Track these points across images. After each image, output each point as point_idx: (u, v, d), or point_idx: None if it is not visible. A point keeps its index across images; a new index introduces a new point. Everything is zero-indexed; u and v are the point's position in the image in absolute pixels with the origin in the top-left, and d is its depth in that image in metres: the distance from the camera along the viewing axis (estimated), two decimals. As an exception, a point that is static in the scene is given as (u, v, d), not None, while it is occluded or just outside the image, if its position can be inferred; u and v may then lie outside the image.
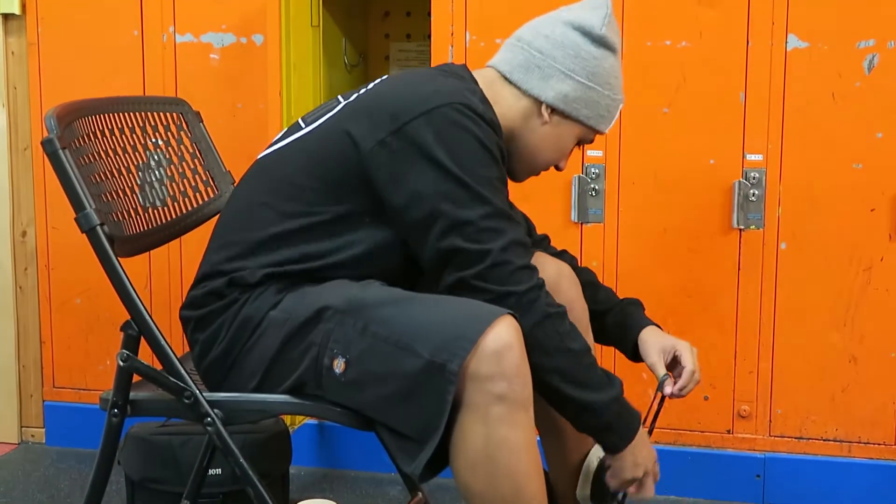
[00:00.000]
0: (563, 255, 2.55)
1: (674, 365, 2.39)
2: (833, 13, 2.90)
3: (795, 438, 3.07)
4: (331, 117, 2.18)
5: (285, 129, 2.29)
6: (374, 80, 2.26)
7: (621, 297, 2.49)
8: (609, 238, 3.05)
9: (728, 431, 3.09)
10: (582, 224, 3.05)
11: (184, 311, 2.21)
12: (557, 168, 2.33)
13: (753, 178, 2.96)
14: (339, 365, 2.03)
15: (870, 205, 2.94)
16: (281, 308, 2.11)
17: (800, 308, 3.01)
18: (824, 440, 3.06)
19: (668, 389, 2.34)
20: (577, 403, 2.11)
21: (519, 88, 2.22)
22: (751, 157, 2.96)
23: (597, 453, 2.36)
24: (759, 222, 2.98)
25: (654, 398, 2.37)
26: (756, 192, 2.96)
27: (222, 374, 2.16)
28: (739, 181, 2.96)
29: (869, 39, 2.89)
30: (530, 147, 2.25)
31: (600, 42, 2.21)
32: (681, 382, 2.35)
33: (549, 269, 2.38)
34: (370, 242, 2.15)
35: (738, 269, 3.02)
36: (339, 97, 2.24)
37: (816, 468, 3.06)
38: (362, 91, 2.21)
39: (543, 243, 2.57)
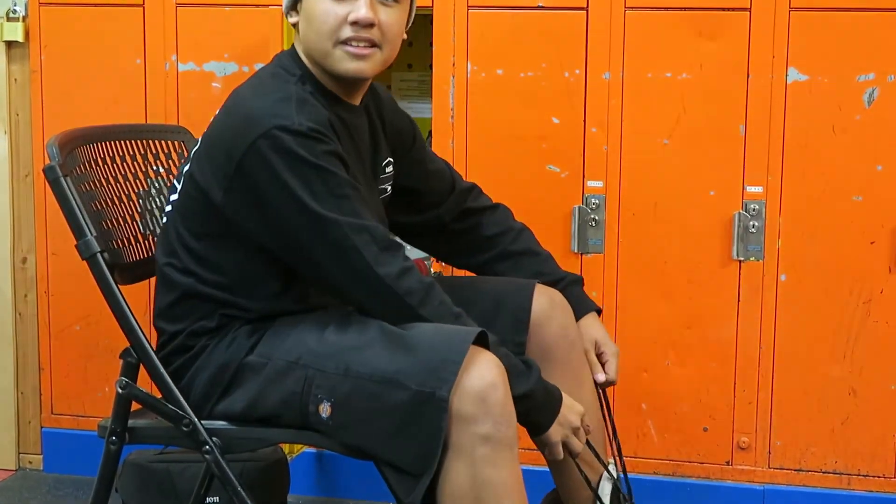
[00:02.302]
0: (497, 207, 2.59)
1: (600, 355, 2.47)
2: (833, 47, 2.91)
3: (795, 470, 3.06)
4: (188, 170, 2.19)
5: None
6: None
7: (571, 275, 2.53)
8: (609, 269, 3.05)
9: (727, 463, 3.09)
10: (582, 255, 3.05)
11: None
12: (355, 17, 2.16)
13: (753, 210, 2.96)
14: (324, 409, 2.04)
15: (870, 237, 2.94)
16: (258, 353, 2.13)
17: (799, 340, 3.01)
18: (824, 472, 3.05)
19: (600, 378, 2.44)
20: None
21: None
22: (751, 189, 2.97)
23: (608, 477, 2.36)
24: (758, 254, 2.98)
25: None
26: (756, 224, 2.96)
27: (205, 414, 2.18)
28: (739, 213, 2.97)
29: (869, 73, 2.90)
30: (315, 47, 2.20)
31: None
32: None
33: (542, 299, 2.39)
34: (277, 279, 2.18)
35: (738, 301, 3.02)
36: (199, 141, 2.24)
37: (816, 500, 3.05)
38: (206, 133, 2.21)
39: (473, 193, 2.59)
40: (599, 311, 2.53)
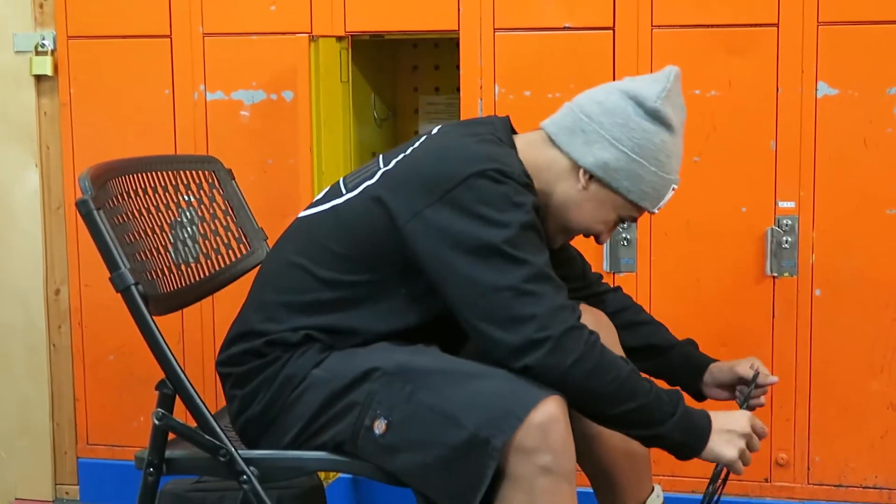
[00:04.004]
0: (616, 290, 2.58)
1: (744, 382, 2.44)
2: (862, 60, 2.90)
3: (834, 486, 3.04)
4: (370, 185, 2.16)
5: (327, 190, 2.28)
6: (412, 140, 2.25)
7: (686, 340, 2.53)
8: (642, 288, 3.04)
9: (766, 480, 3.06)
10: (614, 274, 3.04)
11: (222, 368, 2.22)
12: (598, 240, 2.26)
13: (786, 226, 2.95)
14: (379, 426, 2.03)
15: (904, 250, 2.93)
16: (325, 367, 2.11)
17: (836, 355, 2.99)
18: (864, 488, 3.03)
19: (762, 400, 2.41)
20: (648, 439, 2.11)
21: (561, 150, 2.18)
22: (783, 205, 2.95)
23: (654, 502, 2.35)
24: (792, 269, 2.96)
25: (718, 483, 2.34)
26: (789, 239, 2.95)
27: (260, 431, 2.16)
28: (772, 228, 2.95)
29: (899, 85, 2.89)
30: (564, 207, 2.19)
31: (653, 115, 2.14)
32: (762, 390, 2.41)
33: (587, 318, 2.38)
34: (403, 317, 2.16)
35: (773, 317, 3.00)
36: (380, 160, 2.22)
37: (856, 517, 3.03)
38: (400, 157, 2.18)
39: (598, 280, 2.58)
40: None
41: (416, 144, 2.22)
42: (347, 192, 2.20)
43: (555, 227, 2.22)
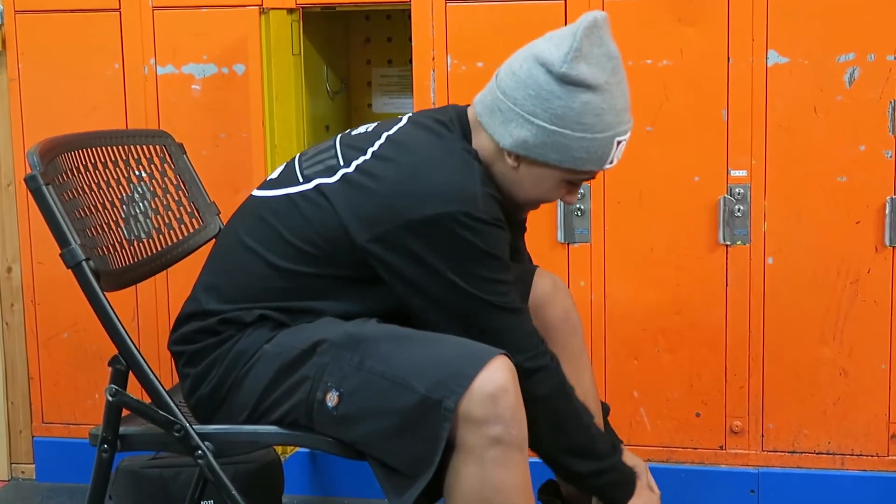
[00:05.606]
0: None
1: None
2: (812, 28, 2.91)
3: (788, 453, 3.07)
4: (327, 185, 2.12)
5: (282, 169, 2.25)
6: (373, 134, 2.19)
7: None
8: (596, 258, 3.05)
9: (721, 447, 3.09)
10: (568, 244, 3.04)
11: (175, 346, 2.21)
12: (564, 202, 2.27)
13: (738, 194, 2.96)
14: (332, 398, 2.02)
15: (855, 217, 2.94)
16: (275, 342, 2.11)
17: (789, 322, 3.01)
18: (817, 453, 3.06)
19: None
20: (585, 473, 2.20)
21: (487, 132, 2.13)
22: (735, 173, 2.97)
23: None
24: (745, 238, 2.98)
25: None
26: (741, 208, 2.96)
27: (212, 409, 2.16)
28: (724, 197, 2.97)
29: (849, 53, 2.90)
30: (507, 187, 2.15)
31: (563, 80, 2.05)
32: None
33: (545, 281, 2.39)
34: (361, 304, 2.15)
35: (726, 285, 3.02)
36: (338, 152, 2.17)
37: (810, 482, 3.05)
38: (361, 160, 2.12)
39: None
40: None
41: (377, 146, 2.14)
42: (304, 182, 2.16)
43: (511, 205, 2.20)
